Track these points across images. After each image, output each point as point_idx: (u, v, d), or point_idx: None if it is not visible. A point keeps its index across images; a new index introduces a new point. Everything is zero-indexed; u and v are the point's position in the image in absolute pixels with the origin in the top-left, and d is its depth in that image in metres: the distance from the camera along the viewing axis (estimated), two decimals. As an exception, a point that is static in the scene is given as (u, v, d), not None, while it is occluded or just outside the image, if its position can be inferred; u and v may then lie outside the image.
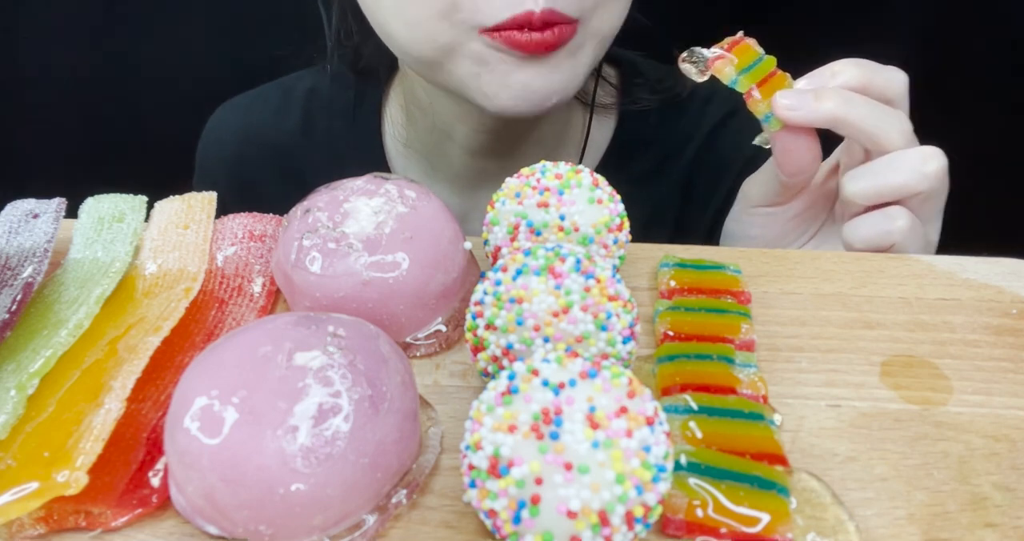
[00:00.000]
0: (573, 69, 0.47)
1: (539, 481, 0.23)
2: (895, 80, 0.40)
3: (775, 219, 0.45)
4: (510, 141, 0.58)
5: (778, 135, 0.40)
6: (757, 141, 0.41)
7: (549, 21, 0.42)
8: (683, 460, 0.27)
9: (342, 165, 0.63)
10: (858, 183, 0.39)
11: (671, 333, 0.33)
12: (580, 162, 0.61)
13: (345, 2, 0.58)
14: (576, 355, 0.25)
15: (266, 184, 0.66)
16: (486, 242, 0.35)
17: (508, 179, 0.35)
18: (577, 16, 0.44)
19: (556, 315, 0.28)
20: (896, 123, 0.39)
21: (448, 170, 0.61)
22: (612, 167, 0.61)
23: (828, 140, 0.42)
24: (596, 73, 0.59)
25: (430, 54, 0.46)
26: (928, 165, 0.38)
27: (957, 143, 0.81)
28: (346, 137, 0.64)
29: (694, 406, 0.30)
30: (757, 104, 0.39)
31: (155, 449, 0.28)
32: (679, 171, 0.62)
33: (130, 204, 0.39)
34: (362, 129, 0.64)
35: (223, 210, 0.40)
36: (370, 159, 0.63)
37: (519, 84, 0.45)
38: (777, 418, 0.30)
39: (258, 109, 0.67)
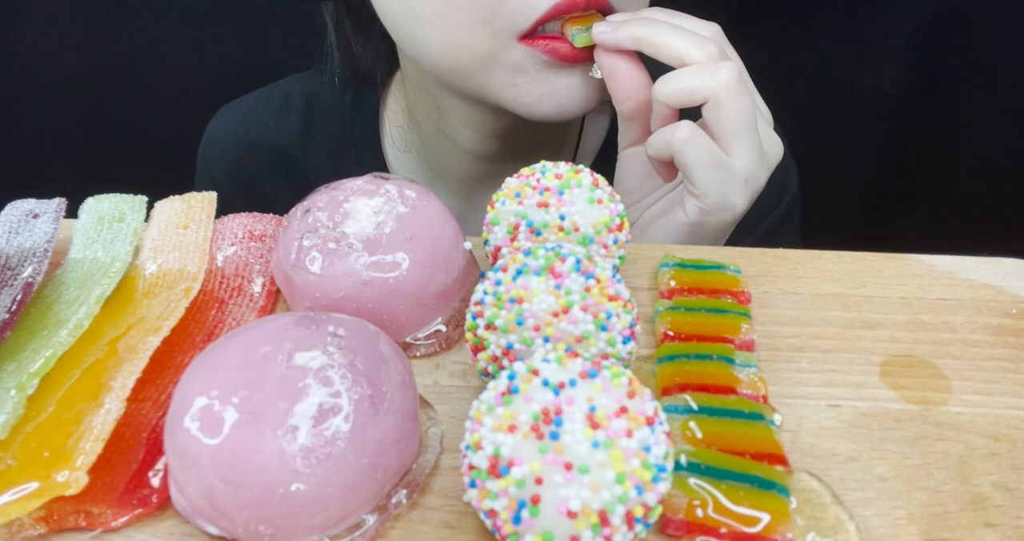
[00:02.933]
0: None
1: (539, 481, 0.23)
2: (703, 25, 0.44)
3: (635, 159, 0.48)
4: (516, 145, 0.58)
5: (601, 56, 0.44)
6: (591, 72, 0.45)
7: (591, 4, 0.44)
8: (683, 460, 0.27)
9: (342, 168, 0.63)
10: (663, 86, 0.42)
11: (671, 333, 0.33)
12: (574, 160, 0.61)
13: (341, 6, 0.58)
14: (576, 355, 0.25)
15: (266, 188, 0.66)
16: (486, 242, 0.35)
17: (508, 179, 0.35)
18: (613, 2, 0.45)
19: (556, 315, 0.28)
20: (698, 44, 0.42)
21: (448, 173, 0.61)
22: (607, 165, 0.61)
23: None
24: None
25: (466, 63, 0.46)
26: (720, 72, 0.41)
27: (957, 143, 0.82)
28: (345, 140, 0.64)
29: (694, 406, 0.30)
30: (569, 28, 0.43)
31: (155, 449, 0.28)
32: None
33: (130, 204, 0.39)
34: (361, 132, 0.64)
35: (223, 212, 0.40)
36: (369, 161, 0.63)
37: (562, 90, 0.46)
38: (777, 418, 0.30)
39: (258, 112, 0.67)
